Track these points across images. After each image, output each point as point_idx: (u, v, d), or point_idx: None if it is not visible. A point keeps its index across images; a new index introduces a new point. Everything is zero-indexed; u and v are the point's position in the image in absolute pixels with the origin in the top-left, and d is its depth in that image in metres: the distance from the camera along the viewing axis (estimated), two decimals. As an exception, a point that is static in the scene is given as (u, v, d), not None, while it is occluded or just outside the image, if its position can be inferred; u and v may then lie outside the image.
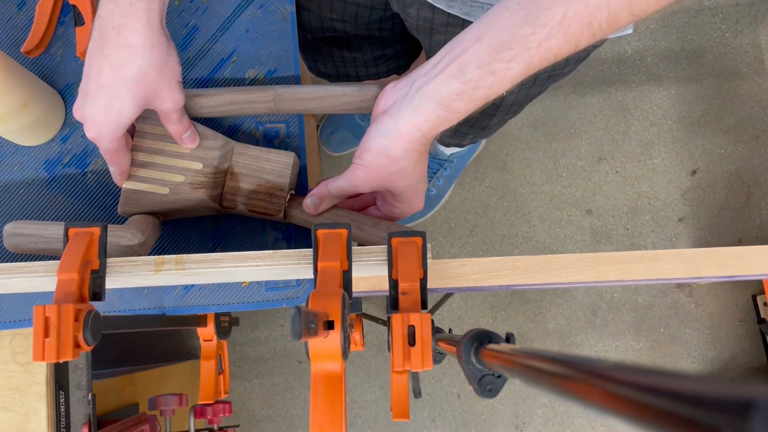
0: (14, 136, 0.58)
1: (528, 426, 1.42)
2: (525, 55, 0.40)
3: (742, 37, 1.53)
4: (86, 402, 0.61)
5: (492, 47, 0.40)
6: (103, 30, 0.46)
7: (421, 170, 0.48)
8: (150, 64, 0.47)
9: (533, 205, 1.47)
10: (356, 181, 0.49)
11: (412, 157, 0.46)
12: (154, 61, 0.47)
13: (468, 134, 0.97)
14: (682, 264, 0.53)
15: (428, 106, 0.43)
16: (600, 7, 0.38)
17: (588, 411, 0.19)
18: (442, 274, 0.53)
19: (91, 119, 0.48)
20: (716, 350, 1.45)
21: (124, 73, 0.46)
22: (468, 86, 0.41)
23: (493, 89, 0.42)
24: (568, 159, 1.49)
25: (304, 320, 0.28)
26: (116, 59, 0.46)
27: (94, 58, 0.47)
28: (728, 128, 1.50)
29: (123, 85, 0.46)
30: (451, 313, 1.46)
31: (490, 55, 0.40)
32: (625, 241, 1.46)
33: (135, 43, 0.45)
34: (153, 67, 0.47)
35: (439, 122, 0.44)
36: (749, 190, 1.48)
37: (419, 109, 0.43)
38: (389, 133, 0.45)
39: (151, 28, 0.46)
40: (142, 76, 0.47)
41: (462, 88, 0.42)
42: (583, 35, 0.39)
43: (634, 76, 1.51)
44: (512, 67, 0.40)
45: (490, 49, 0.40)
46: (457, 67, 0.42)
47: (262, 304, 0.57)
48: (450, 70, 0.42)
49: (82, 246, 0.43)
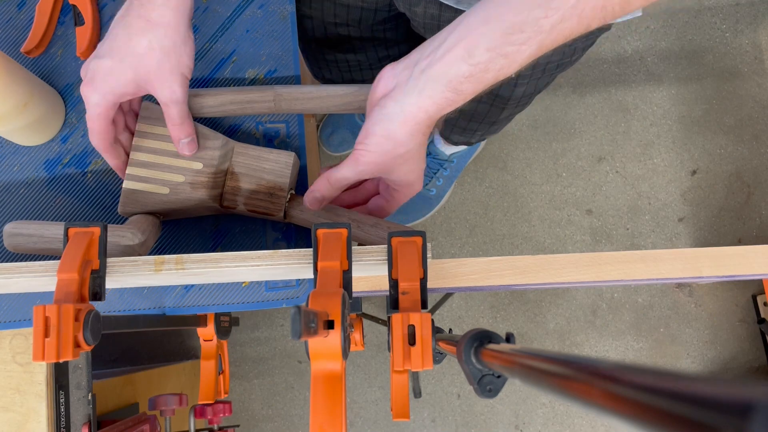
0: (14, 136, 0.58)
1: (528, 426, 1.42)
2: (537, 37, 0.39)
3: (742, 37, 1.53)
4: (86, 402, 0.61)
5: (503, 29, 0.40)
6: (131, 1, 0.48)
7: (423, 152, 0.48)
8: (159, 43, 0.47)
9: (533, 205, 1.47)
10: (360, 166, 0.47)
11: (417, 139, 0.45)
12: (164, 41, 0.47)
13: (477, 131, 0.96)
14: (682, 264, 0.53)
15: (435, 89, 0.42)
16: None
17: (588, 411, 0.19)
18: (442, 274, 0.53)
19: (91, 75, 0.49)
20: (716, 350, 1.45)
21: (133, 43, 0.47)
22: (477, 68, 0.41)
23: (502, 71, 0.41)
24: (568, 159, 1.49)
25: (304, 320, 0.28)
26: (131, 28, 0.47)
27: (116, 23, 0.48)
28: (728, 128, 1.50)
29: (130, 53, 0.48)
30: (451, 313, 1.46)
31: (501, 38, 0.40)
32: (625, 241, 1.46)
33: (153, 17, 0.47)
34: (160, 48, 0.47)
35: (447, 104, 0.43)
36: (749, 190, 1.48)
37: (426, 91, 0.42)
38: (394, 116, 0.44)
39: (173, 10, 0.47)
40: (148, 51, 0.47)
41: (471, 70, 0.41)
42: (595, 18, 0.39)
43: (634, 76, 1.51)
44: (523, 50, 0.40)
45: (501, 31, 0.40)
46: (465, 49, 0.41)
47: (262, 304, 0.57)
48: (457, 51, 0.41)
49: (82, 246, 0.43)
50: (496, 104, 0.82)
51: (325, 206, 0.52)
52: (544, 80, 0.76)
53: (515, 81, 0.74)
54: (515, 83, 0.75)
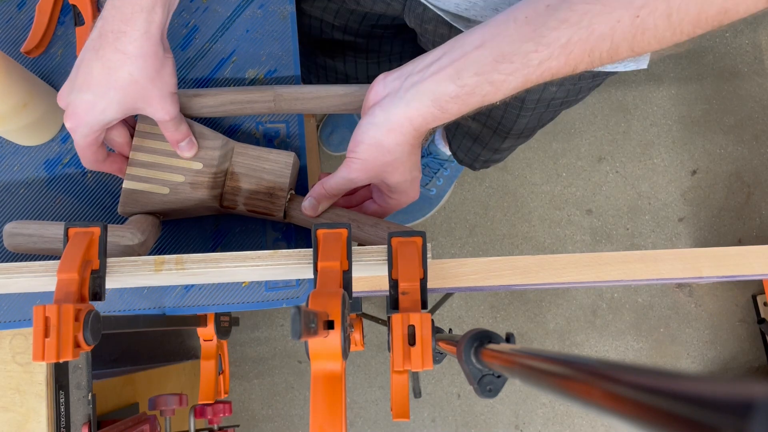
0: (14, 136, 0.58)
1: (528, 426, 1.42)
2: (524, 70, 0.40)
3: (742, 37, 1.53)
4: (86, 402, 0.61)
5: (493, 57, 0.41)
6: (102, 31, 0.47)
7: (414, 161, 0.49)
8: (141, 73, 0.47)
9: (533, 205, 1.47)
10: (352, 174, 0.49)
11: (404, 149, 0.46)
12: (146, 71, 0.47)
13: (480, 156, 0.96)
14: (682, 264, 0.53)
15: (422, 102, 0.43)
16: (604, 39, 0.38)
17: (588, 411, 0.19)
18: (442, 274, 0.53)
19: (72, 110, 0.49)
20: (716, 350, 1.45)
21: (114, 77, 0.47)
22: (463, 91, 0.42)
23: (487, 98, 0.42)
24: (568, 159, 1.49)
25: (304, 320, 0.28)
26: (109, 62, 0.47)
27: (88, 56, 0.48)
28: (728, 128, 1.50)
29: (111, 87, 0.47)
30: (451, 313, 1.46)
31: (490, 65, 0.41)
32: (625, 241, 1.46)
33: (130, 50, 0.46)
34: (143, 77, 0.47)
35: (432, 119, 0.44)
36: (749, 190, 1.48)
37: (413, 103, 0.44)
38: (381, 125, 0.45)
39: (149, 39, 0.47)
40: (132, 83, 0.48)
41: (457, 92, 0.42)
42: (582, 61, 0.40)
43: (634, 76, 1.51)
44: (509, 80, 0.41)
45: (491, 58, 0.41)
46: (455, 70, 0.42)
47: (262, 304, 0.57)
48: (447, 71, 0.42)
49: (82, 246, 0.43)
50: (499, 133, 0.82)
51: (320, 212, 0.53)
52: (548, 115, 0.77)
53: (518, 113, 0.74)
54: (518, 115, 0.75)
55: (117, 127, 0.53)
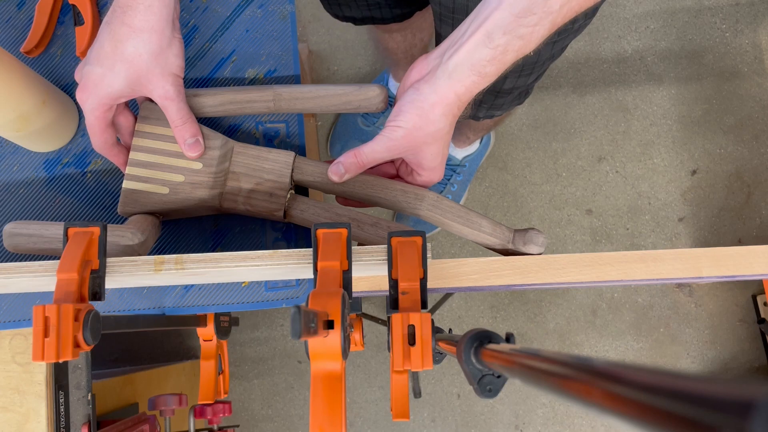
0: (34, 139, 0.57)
1: (528, 426, 1.42)
2: (548, 17, 0.42)
3: (742, 37, 1.53)
4: (86, 402, 0.61)
5: (514, 13, 0.42)
6: (115, 6, 0.49)
7: (447, 139, 0.51)
8: (145, 47, 0.49)
9: (533, 205, 1.47)
10: (391, 141, 0.50)
11: (447, 120, 0.48)
12: (149, 45, 0.49)
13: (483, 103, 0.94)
14: (682, 264, 0.53)
15: (462, 73, 0.45)
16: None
17: (588, 411, 0.19)
18: (442, 273, 0.53)
19: (84, 82, 0.50)
20: (716, 350, 1.45)
21: (120, 49, 0.49)
22: (497, 51, 0.44)
23: (521, 51, 0.44)
24: (568, 159, 1.49)
25: (304, 319, 0.28)
26: (116, 35, 0.48)
27: (103, 30, 0.50)
28: (728, 128, 1.50)
29: (118, 60, 0.49)
30: (451, 313, 1.46)
31: (514, 21, 0.42)
32: (625, 241, 1.46)
33: (136, 24, 0.48)
34: (147, 51, 0.49)
35: (474, 87, 0.46)
36: (749, 190, 1.48)
37: (454, 75, 0.46)
38: (428, 96, 0.47)
39: (154, 13, 0.48)
40: (136, 56, 0.49)
41: (492, 54, 0.44)
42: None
43: (634, 76, 1.51)
44: (537, 30, 0.43)
45: (513, 15, 0.42)
46: (485, 34, 0.44)
47: (262, 304, 0.57)
48: (477, 36, 0.44)
49: (81, 246, 0.43)
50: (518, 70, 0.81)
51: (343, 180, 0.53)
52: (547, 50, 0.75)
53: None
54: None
55: (124, 112, 0.54)
